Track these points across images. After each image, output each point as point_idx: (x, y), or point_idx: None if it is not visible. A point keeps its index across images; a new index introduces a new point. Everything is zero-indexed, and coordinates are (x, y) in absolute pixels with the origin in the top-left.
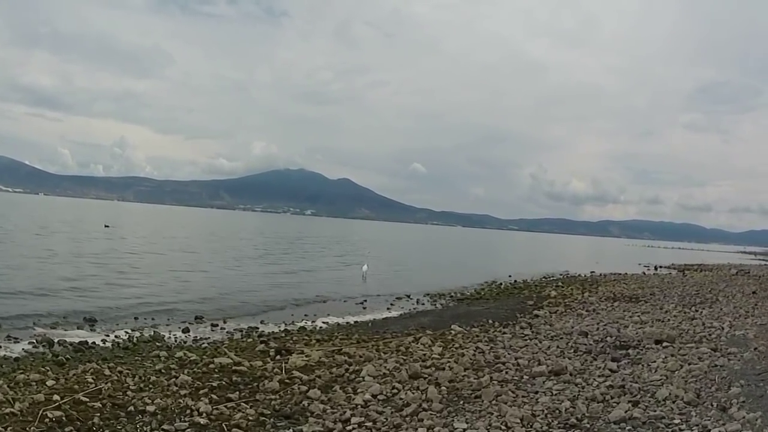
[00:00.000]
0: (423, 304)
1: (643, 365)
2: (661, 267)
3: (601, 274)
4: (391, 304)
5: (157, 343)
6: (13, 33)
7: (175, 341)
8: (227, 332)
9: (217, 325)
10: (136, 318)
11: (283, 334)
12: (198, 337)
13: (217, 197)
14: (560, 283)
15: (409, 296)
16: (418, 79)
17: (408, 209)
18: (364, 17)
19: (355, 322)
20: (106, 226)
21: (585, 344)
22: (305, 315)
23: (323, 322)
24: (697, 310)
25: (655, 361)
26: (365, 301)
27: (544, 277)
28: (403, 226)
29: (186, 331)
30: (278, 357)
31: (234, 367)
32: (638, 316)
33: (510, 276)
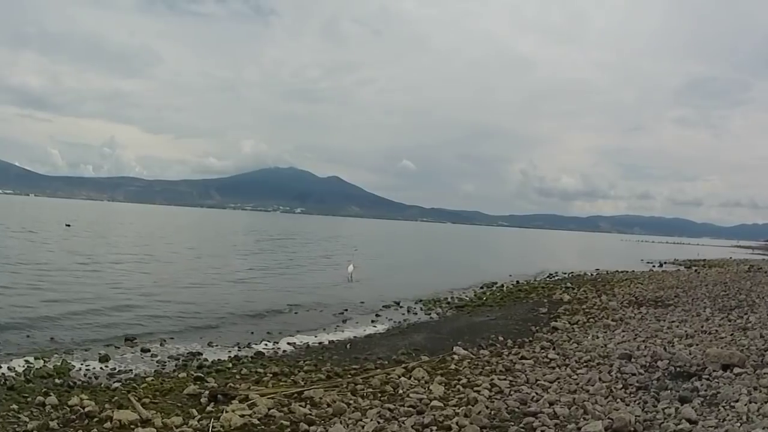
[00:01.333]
0: (415, 313)
1: (724, 407)
2: (665, 263)
3: (607, 273)
4: (377, 315)
5: (57, 380)
6: (1, 33)
7: (84, 375)
8: (159, 360)
9: (149, 351)
10: (51, 338)
11: (230, 365)
12: (116, 369)
13: (207, 196)
14: (569, 284)
15: (398, 303)
16: (407, 76)
17: (398, 206)
18: (352, 14)
19: (330, 342)
20: (67, 225)
21: (634, 374)
22: (268, 333)
23: (289, 344)
24: (740, 316)
25: (737, 400)
26: (345, 311)
27: (548, 277)
28: (393, 223)
29: (105, 359)
30: (212, 405)
31: (138, 429)
32: (677, 326)
33: (510, 276)
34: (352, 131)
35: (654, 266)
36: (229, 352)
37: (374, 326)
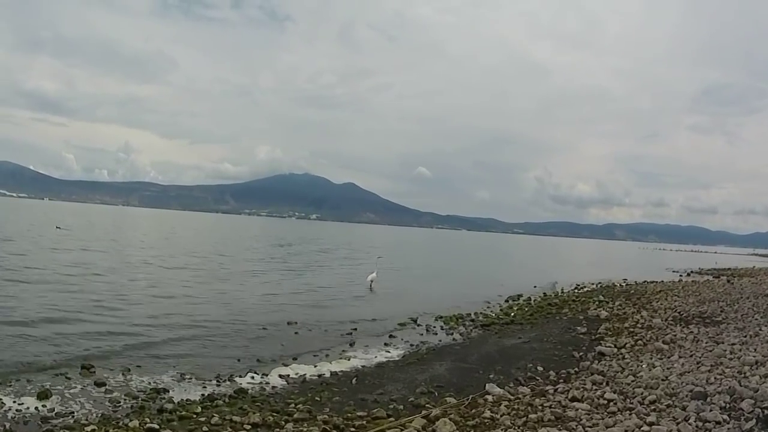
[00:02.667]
0: (435, 333)
1: None
2: (691, 272)
3: (636, 283)
4: (391, 336)
5: None
6: (17, 37)
7: (10, 419)
8: (112, 399)
9: (105, 384)
10: None
11: (199, 408)
12: (55, 411)
13: (222, 202)
14: (602, 297)
15: (415, 321)
16: (422, 82)
17: (413, 213)
18: (367, 20)
19: (332, 374)
20: (57, 228)
21: (718, 422)
22: (258, 360)
23: (281, 376)
24: None
25: None
26: (354, 330)
27: (576, 288)
28: (408, 230)
29: (44, 396)
30: None
31: None
32: (740, 350)
33: (535, 287)
34: (367, 137)
35: (681, 275)
36: (204, 388)
37: (387, 351)
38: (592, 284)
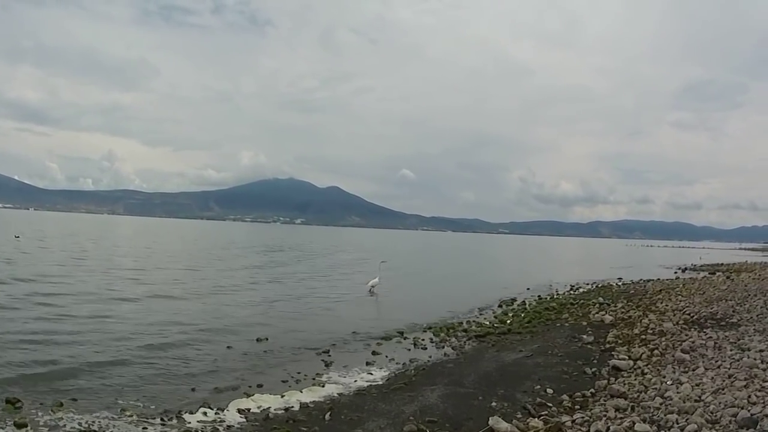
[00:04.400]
0: (424, 348)
1: None
2: (687, 269)
3: (632, 282)
4: (374, 353)
5: None
6: None
7: None
8: None
9: (25, 426)
10: None
11: None
12: None
13: (206, 208)
14: (601, 299)
15: (402, 334)
16: (404, 85)
17: (398, 215)
18: (348, 24)
19: (302, 406)
20: (16, 237)
21: None
22: (215, 389)
23: (240, 411)
24: None
25: None
26: (333, 346)
27: (571, 290)
28: (393, 232)
29: None
30: None
31: None
32: None
33: (528, 289)
34: (350, 141)
35: (676, 273)
36: (144, 429)
37: (369, 373)
38: (587, 284)
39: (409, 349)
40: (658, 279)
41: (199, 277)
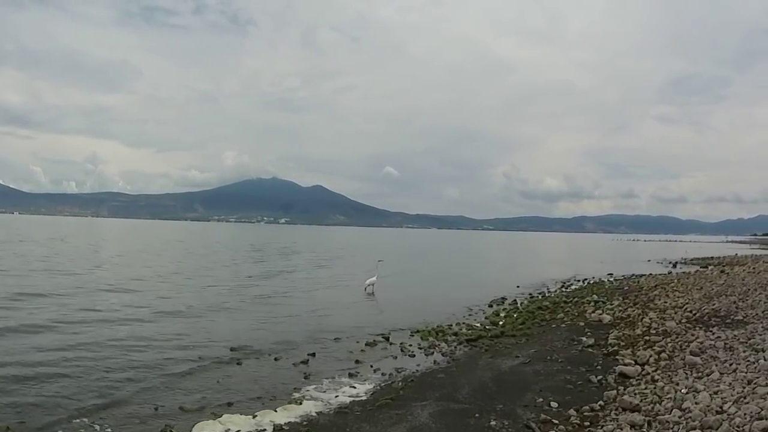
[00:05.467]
0: (412, 354)
1: None
2: (678, 263)
3: (625, 278)
4: (358, 362)
5: None
6: None
7: None
8: None
9: None
10: None
11: None
12: None
13: (191, 209)
14: (596, 296)
15: (388, 339)
16: (387, 83)
17: (382, 213)
18: (330, 22)
19: (276, 427)
20: None
21: None
22: (180, 408)
23: None
24: None
25: None
26: (312, 356)
27: (563, 287)
28: (377, 230)
29: None
30: None
31: None
32: None
33: (518, 287)
34: (334, 140)
35: (667, 267)
36: None
37: (352, 386)
38: (579, 281)
39: (396, 357)
40: (651, 274)
41: (171, 277)
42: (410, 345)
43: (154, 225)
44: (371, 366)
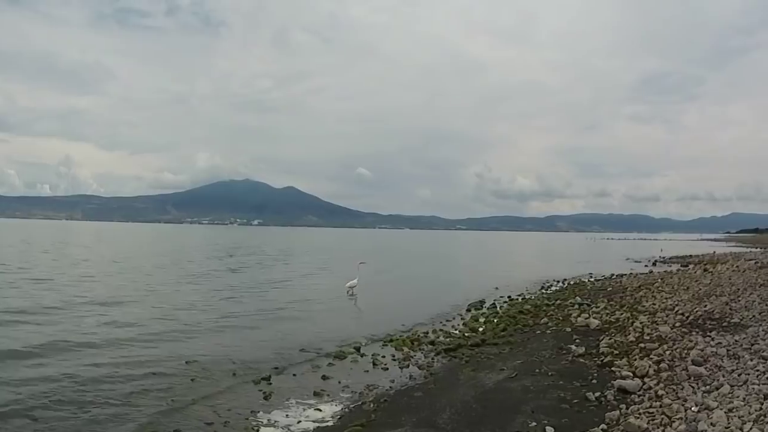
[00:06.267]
0: (385, 367)
1: None
2: (657, 261)
3: (606, 278)
4: (325, 377)
5: None
6: None
7: None
8: None
9: None
10: None
11: None
12: None
13: (164, 212)
14: (578, 299)
15: (358, 349)
16: (359, 83)
17: (355, 214)
18: (301, 23)
19: None
20: None
21: None
22: None
23: None
24: None
25: None
26: (275, 369)
27: (542, 288)
28: (351, 231)
29: None
30: None
31: None
32: None
33: (497, 289)
34: (306, 141)
35: (647, 266)
36: None
37: (317, 408)
38: (558, 282)
39: (368, 371)
40: (632, 273)
41: (152, 285)
42: (383, 356)
43: (128, 228)
44: (339, 382)
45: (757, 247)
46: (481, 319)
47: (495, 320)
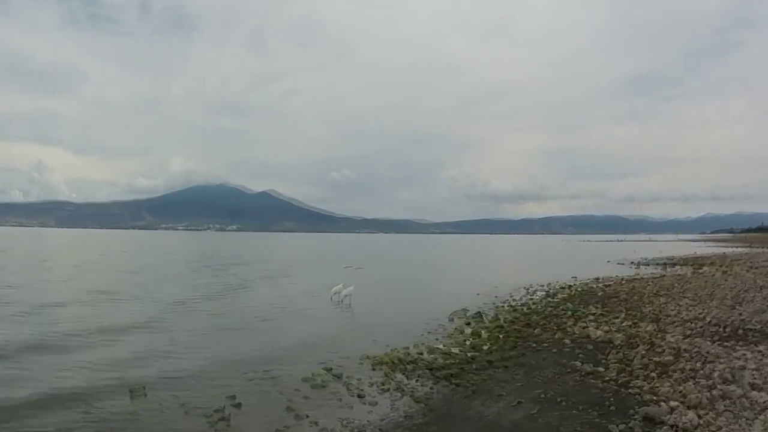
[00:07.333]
0: (370, 398)
1: None
2: (641, 264)
3: (592, 281)
4: (290, 409)
5: None
6: None
7: None
8: None
9: None
10: None
11: None
12: None
13: (138, 217)
14: (569, 305)
15: (331, 371)
16: (336, 85)
17: (333, 218)
18: (277, 24)
19: None
20: None
21: None
22: None
23: None
24: None
25: None
26: (233, 399)
27: (527, 294)
28: (329, 236)
29: None
30: None
31: None
32: None
33: (478, 294)
34: (283, 144)
35: (633, 268)
36: None
37: None
38: (542, 286)
39: (342, 400)
40: (617, 277)
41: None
42: (364, 382)
43: (101, 235)
44: (311, 420)
45: (739, 247)
46: (468, 331)
47: (483, 332)
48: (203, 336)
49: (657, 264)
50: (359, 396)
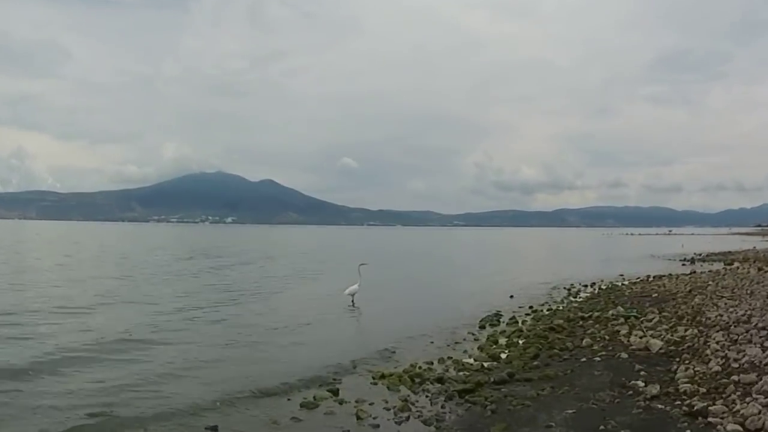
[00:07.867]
0: (373, 423)
1: None
2: (695, 259)
3: (643, 280)
4: None
5: None
6: None
7: None
8: None
9: None
10: None
11: None
12: None
13: (127, 209)
14: (621, 308)
15: (336, 392)
16: (343, 64)
17: (340, 210)
18: None
19: None
20: None
21: None
22: None
23: None
24: None
25: None
26: (214, 430)
27: (569, 295)
28: (336, 229)
29: None
30: None
31: None
32: None
33: (512, 297)
34: (285, 128)
35: (684, 264)
36: None
37: None
38: (585, 286)
39: (341, 427)
40: (671, 275)
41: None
42: (371, 403)
43: (86, 228)
44: None
45: None
46: (502, 341)
47: (520, 342)
48: (185, 358)
49: (711, 260)
50: (368, 422)
